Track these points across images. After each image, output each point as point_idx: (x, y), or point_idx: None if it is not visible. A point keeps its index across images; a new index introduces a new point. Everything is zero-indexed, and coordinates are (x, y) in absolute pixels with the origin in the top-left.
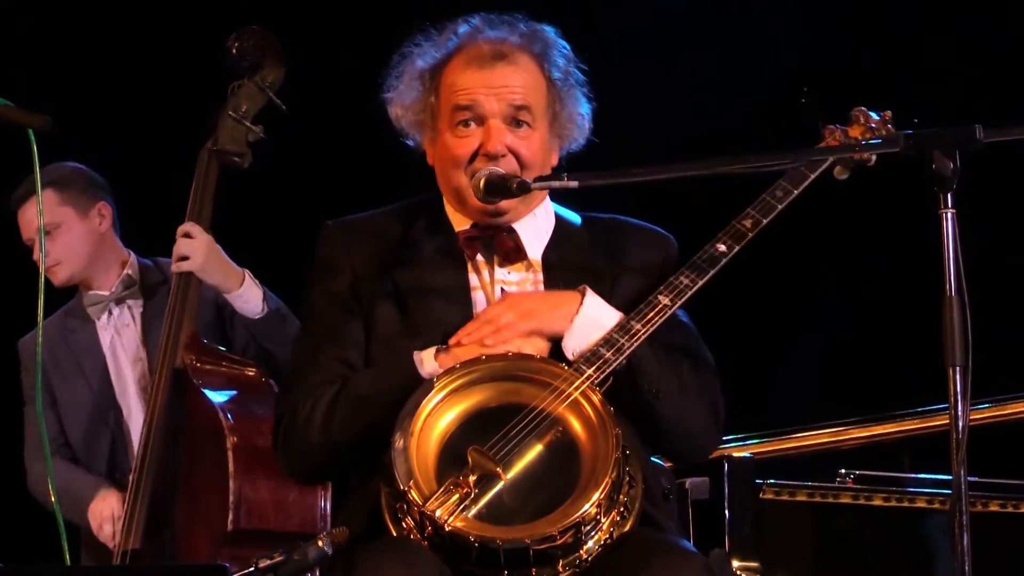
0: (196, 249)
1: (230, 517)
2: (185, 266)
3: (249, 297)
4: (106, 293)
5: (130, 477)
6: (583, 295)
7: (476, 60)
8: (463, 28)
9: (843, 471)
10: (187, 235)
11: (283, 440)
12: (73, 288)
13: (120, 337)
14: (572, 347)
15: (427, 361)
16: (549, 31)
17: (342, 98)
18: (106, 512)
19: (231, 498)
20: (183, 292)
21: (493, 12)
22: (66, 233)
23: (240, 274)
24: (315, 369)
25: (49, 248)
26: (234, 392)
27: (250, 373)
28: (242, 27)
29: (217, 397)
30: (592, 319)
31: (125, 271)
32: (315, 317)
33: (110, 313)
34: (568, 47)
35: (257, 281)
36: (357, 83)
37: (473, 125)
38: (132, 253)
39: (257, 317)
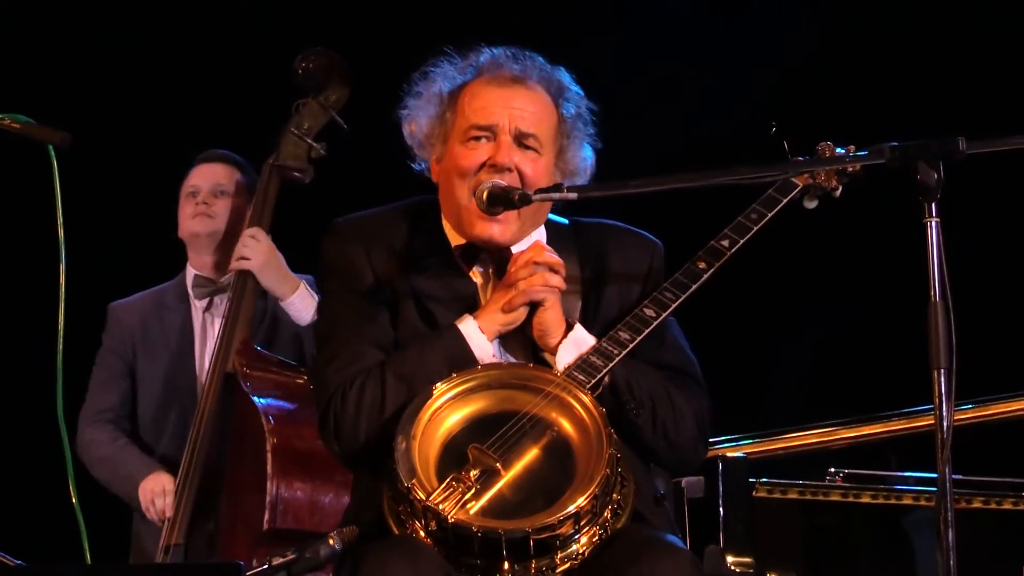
0: (257, 251)
1: (266, 516)
2: (244, 264)
3: (301, 306)
4: (215, 278)
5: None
6: (570, 327)
7: (497, 80)
8: (486, 54)
9: (832, 470)
10: (252, 237)
11: (335, 426)
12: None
13: (213, 325)
14: (565, 360)
15: (474, 338)
16: (565, 76)
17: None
18: (157, 488)
19: (268, 498)
20: (239, 296)
21: (512, 43)
22: (232, 203)
23: (296, 283)
24: (354, 355)
25: (212, 202)
26: (279, 397)
27: (298, 380)
28: (309, 48)
29: (262, 401)
30: (580, 340)
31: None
32: (343, 307)
33: (211, 300)
34: (581, 92)
35: (313, 292)
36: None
37: (484, 141)
38: None
39: (306, 324)
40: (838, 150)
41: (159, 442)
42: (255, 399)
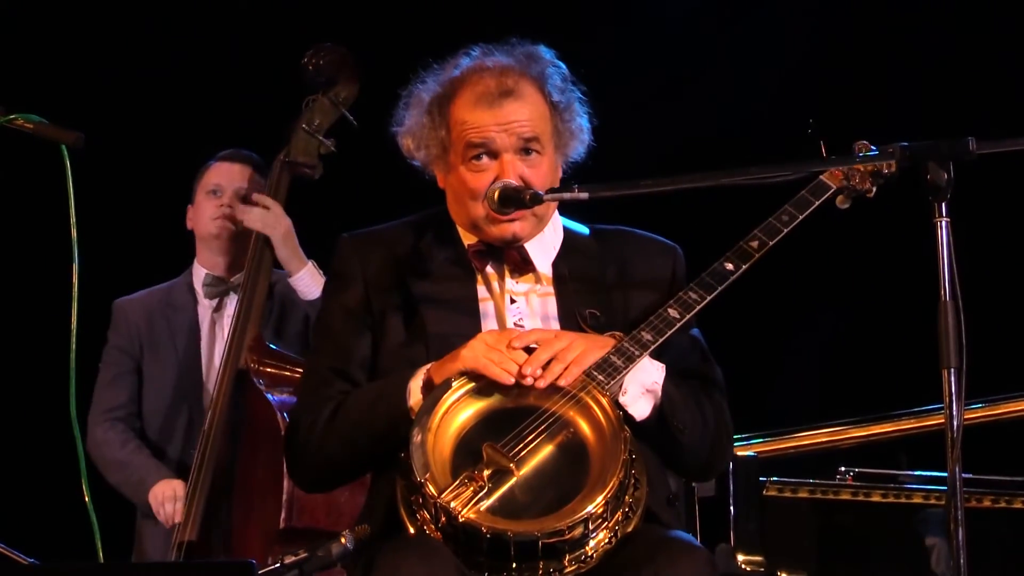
0: (279, 218)
1: (282, 515)
2: (268, 230)
3: (311, 281)
4: (226, 278)
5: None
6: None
7: (484, 98)
8: (464, 61)
9: (843, 469)
10: (270, 209)
11: (289, 451)
12: (179, 265)
13: (222, 325)
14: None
15: (414, 395)
16: (545, 52)
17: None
18: (168, 493)
19: (284, 497)
20: (250, 292)
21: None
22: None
23: (304, 259)
24: (320, 383)
25: (236, 205)
26: (293, 393)
27: None
28: (319, 44)
29: (276, 398)
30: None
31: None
32: (325, 330)
33: (221, 299)
34: (564, 65)
35: (321, 272)
36: None
37: (486, 159)
38: None
39: (313, 299)
40: (874, 148)
41: (168, 442)
42: (269, 396)
